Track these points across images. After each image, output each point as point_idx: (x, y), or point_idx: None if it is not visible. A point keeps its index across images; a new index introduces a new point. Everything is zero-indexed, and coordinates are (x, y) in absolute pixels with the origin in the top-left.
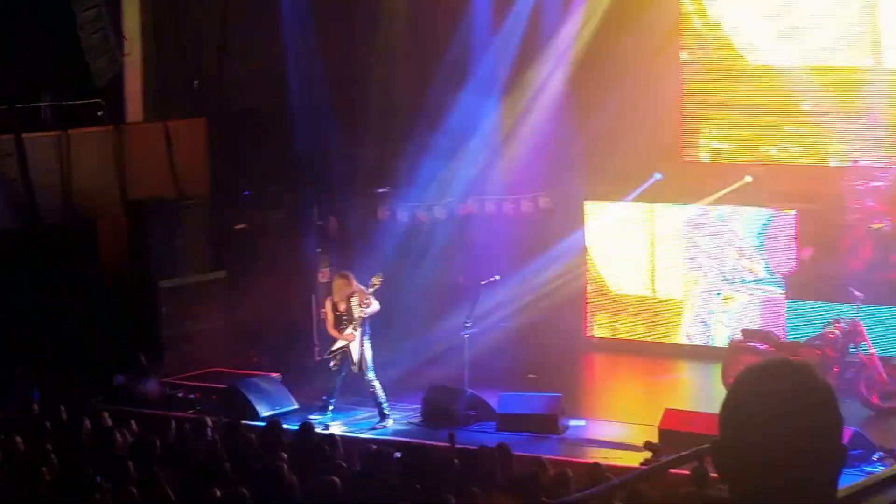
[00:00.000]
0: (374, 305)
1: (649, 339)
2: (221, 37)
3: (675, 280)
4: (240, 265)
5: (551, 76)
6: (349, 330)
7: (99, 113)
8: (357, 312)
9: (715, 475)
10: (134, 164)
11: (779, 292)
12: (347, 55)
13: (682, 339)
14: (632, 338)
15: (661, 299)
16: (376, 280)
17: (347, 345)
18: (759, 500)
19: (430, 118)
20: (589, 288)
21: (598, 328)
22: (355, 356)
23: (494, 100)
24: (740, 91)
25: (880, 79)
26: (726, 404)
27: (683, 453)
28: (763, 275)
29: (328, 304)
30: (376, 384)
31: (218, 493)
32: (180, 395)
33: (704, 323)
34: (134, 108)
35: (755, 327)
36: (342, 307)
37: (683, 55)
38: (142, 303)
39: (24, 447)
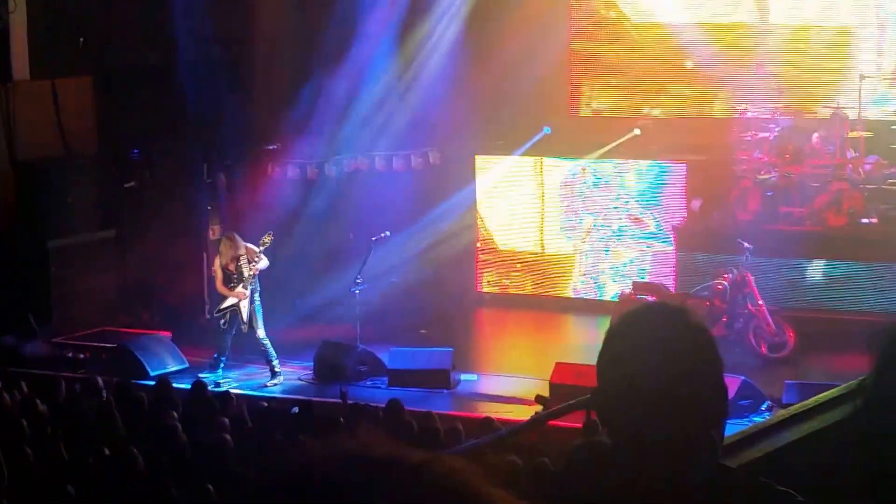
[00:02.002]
0: (264, 262)
1: (540, 294)
2: None
3: (565, 234)
4: (129, 224)
5: (441, 32)
6: (239, 288)
7: None
8: (246, 271)
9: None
10: (21, 122)
11: (668, 244)
12: (236, 11)
13: (572, 294)
14: (522, 293)
15: (550, 254)
16: (266, 239)
17: (237, 303)
18: (640, 444)
19: (319, 75)
20: (479, 244)
21: (488, 284)
22: (245, 314)
23: (384, 56)
24: (626, 48)
25: (765, 33)
26: (603, 352)
27: (565, 404)
28: (652, 227)
29: (216, 263)
30: (267, 342)
31: (108, 452)
32: (69, 355)
33: (594, 277)
34: (20, 65)
35: (645, 280)
36: (231, 266)
37: (570, 12)
38: (30, 263)
39: None
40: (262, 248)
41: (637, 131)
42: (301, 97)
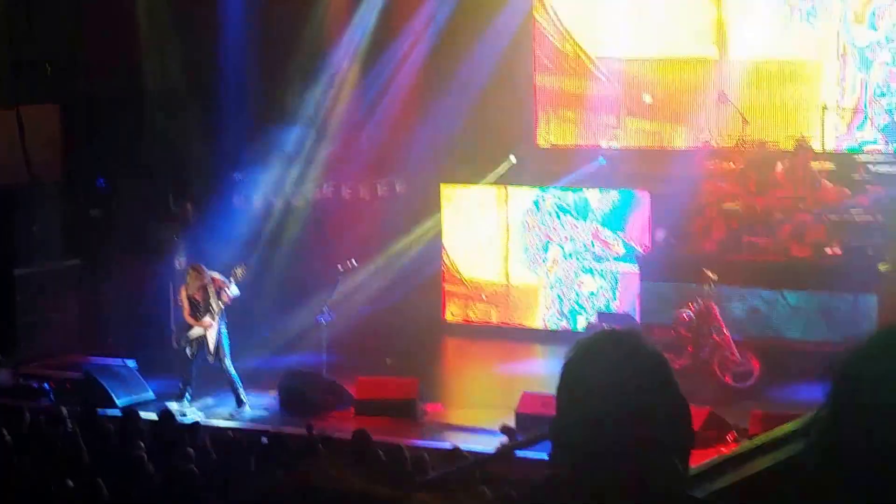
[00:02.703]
0: (234, 290)
1: (506, 324)
2: (75, 21)
3: (530, 264)
4: (95, 253)
5: (407, 61)
6: (206, 318)
7: None
8: (214, 302)
9: None
10: None
11: (634, 274)
12: (202, 41)
13: (538, 324)
14: (488, 322)
15: (516, 284)
16: (239, 271)
17: (204, 332)
18: (601, 476)
19: (286, 104)
20: (444, 273)
21: (453, 314)
22: (211, 344)
23: (349, 84)
24: (586, 81)
25: (726, 67)
26: (561, 381)
27: (528, 436)
28: (618, 257)
29: (183, 294)
30: (233, 371)
31: (70, 483)
32: (34, 384)
33: (561, 307)
34: None
35: (610, 310)
36: (197, 296)
37: (534, 45)
38: None
39: None
40: (233, 282)
41: (602, 161)
42: (266, 126)
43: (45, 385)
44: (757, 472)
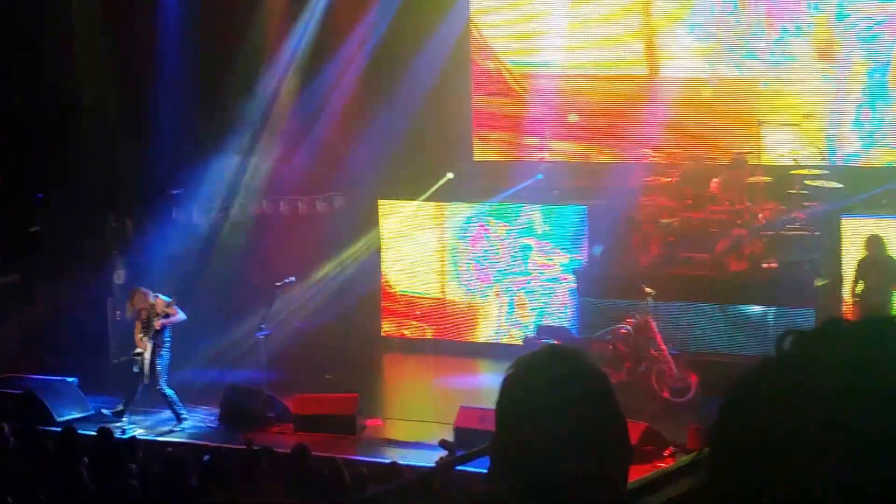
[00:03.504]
0: (179, 315)
1: (445, 338)
2: (7, 32)
3: (467, 279)
4: (33, 268)
5: (345, 76)
6: (144, 339)
7: None
8: (153, 324)
9: None
10: None
11: (571, 288)
12: (139, 54)
13: (477, 338)
14: (426, 338)
15: (452, 299)
16: (170, 308)
17: (143, 352)
18: (538, 493)
19: (224, 118)
20: (382, 289)
21: (391, 329)
22: (146, 366)
23: (286, 100)
24: (526, 96)
25: (657, 85)
26: (500, 397)
27: (468, 451)
28: (556, 271)
29: (129, 310)
30: (168, 391)
31: (10, 500)
32: None
33: (499, 321)
34: None
35: (549, 324)
36: (143, 315)
37: (472, 60)
38: None
39: None
40: (167, 310)
41: (539, 176)
42: (205, 141)
43: None
44: (692, 488)
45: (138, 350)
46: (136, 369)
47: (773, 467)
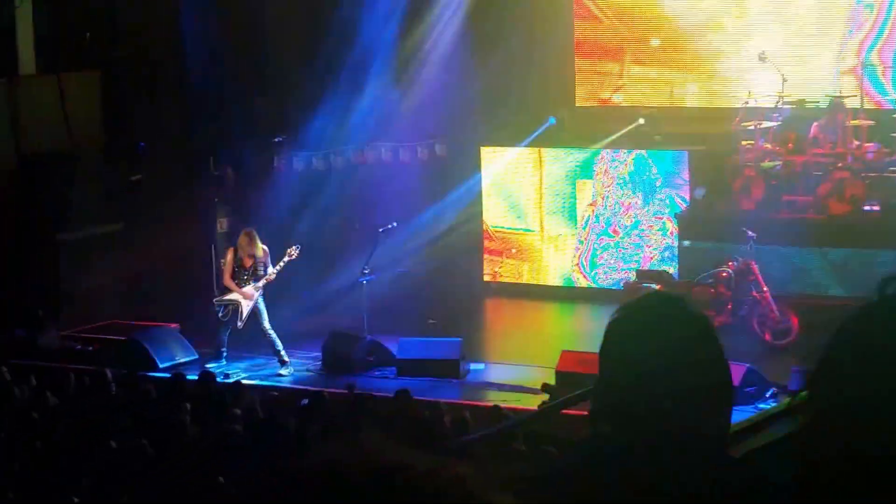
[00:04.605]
0: (272, 274)
1: (545, 283)
2: None
3: (571, 224)
4: (136, 217)
5: (446, 23)
6: (248, 288)
7: None
8: (262, 274)
9: None
10: (27, 117)
11: (672, 233)
12: (242, 3)
13: (579, 282)
14: (528, 282)
15: (556, 244)
16: (293, 251)
17: (240, 300)
18: (643, 434)
19: (325, 66)
20: (484, 234)
21: (494, 273)
22: (245, 313)
23: (389, 47)
24: (632, 36)
25: (766, 23)
26: (604, 342)
27: (572, 394)
28: (657, 216)
29: (230, 256)
30: (272, 333)
31: (115, 445)
32: (78, 348)
33: (600, 265)
34: (26, 60)
35: (650, 268)
36: (246, 263)
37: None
38: (38, 256)
39: None
40: (288, 259)
41: (641, 121)
42: (306, 89)
43: (90, 349)
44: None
45: (232, 296)
46: (221, 316)
47: (875, 410)
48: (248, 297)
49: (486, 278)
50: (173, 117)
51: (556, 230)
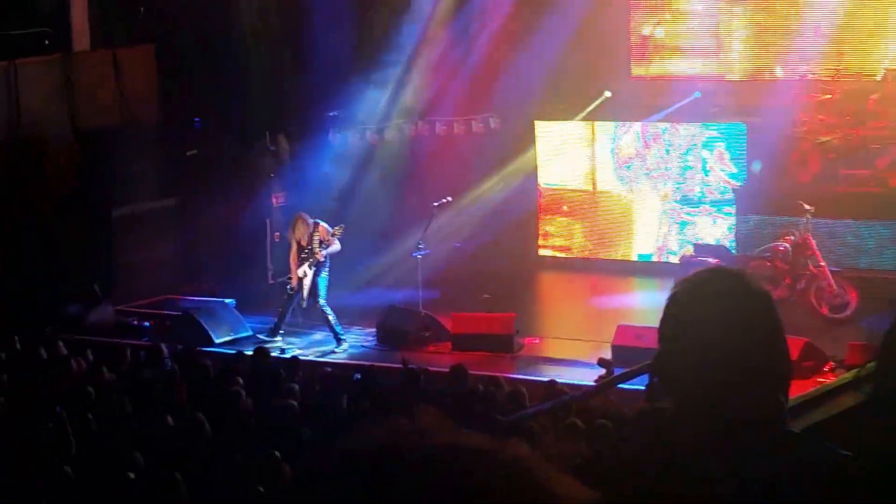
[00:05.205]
0: (335, 246)
1: (601, 257)
2: None
3: (626, 198)
4: (191, 192)
5: None
6: (304, 266)
7: (46, 42)
8: (317, 251)
9: None
10: (83, 92)
11: (729, 206)
12: None
13: (633, 256)
14: (584, 255)
15: (611, 217)
16: (338, 231)
17: (300, 277)
18: (703, 409)
19: (379, 41)
20: (539, 208)
21: (548, 247)
22: (306, 290)
23: (442, 20)
24: (688, 7)
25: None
26: (665, 316)
27: (629, 369)
28: (713, 189)
29: (290, 235)
30: (328, 310)
31: (170, 419)
32: (134, 322)
33: (656, 239)
34: (81, 36)
35: (706, 242)
36: (304, 242)
37: None
38: (94, 231)
39: None
40: (333, 238)
41: (698, 94)
42: (360, 63)
43: (145, 324)
44: (855, 404)
45: (296, 273)
46: (289, 290)
47: None
48: (303, 275)
49: (549, 252)
50: (228, 92)
51: (619, 208)
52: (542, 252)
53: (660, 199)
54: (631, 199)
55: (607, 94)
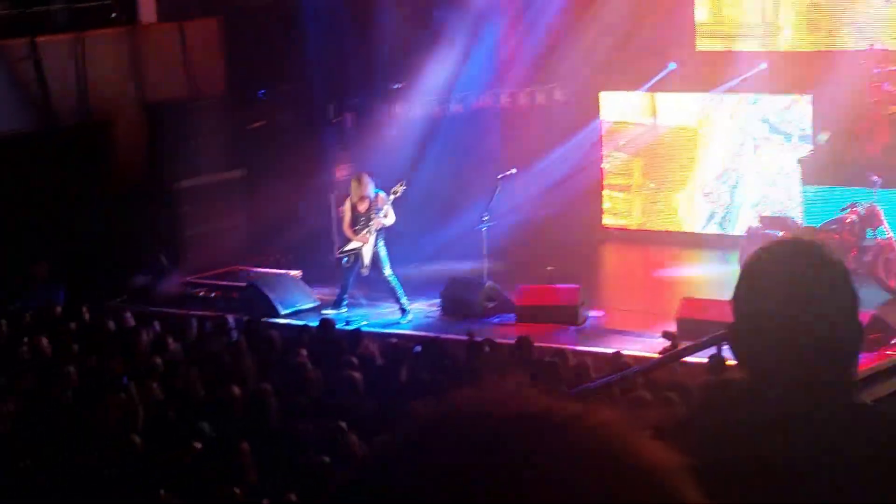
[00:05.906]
0: (391, 218)
1: (666, 229)
2: None
3: (691, 169)
4: (257, 164)
5: None
6: (363, 233)
7: (112, 15)
8: (374, 219)
9: (731, 362)
10: (149, 65)
11: (796, 178)
12: None
13: (699, 228)
14: (649, 228)
15: (677, 189)
16: (399, 188)
17: (360, 246)
18: (777, 381)
19: (443, 11)
20: (603, 180)
21: (614, 219)
22: (367, 258)
23: None
24: None
25: None
26: (738, 288)
27: (699, 340)
28: (780, 161)
29: (347, 204)
30: (394, 280)
31: (237, 390)
32: (201, 294)
33: (722, 211)
34: (147, 8)
35: (772, 214)
36: (360, 207)
37: None
38: (161, 203)
39: (50, 348)
40: (393, 197)
41: (763, 65)
42: (424, 35)
43: (211, 295)
44: None
45: (352, 244)
46: (345, 263)
47: None
48: (364, 242)
49: (614, 223)
50: (294, 64)
51: (684, 179)
52: (607, 224)
53: (724, 172)
54: (700, 180)
55: (672, 65)
